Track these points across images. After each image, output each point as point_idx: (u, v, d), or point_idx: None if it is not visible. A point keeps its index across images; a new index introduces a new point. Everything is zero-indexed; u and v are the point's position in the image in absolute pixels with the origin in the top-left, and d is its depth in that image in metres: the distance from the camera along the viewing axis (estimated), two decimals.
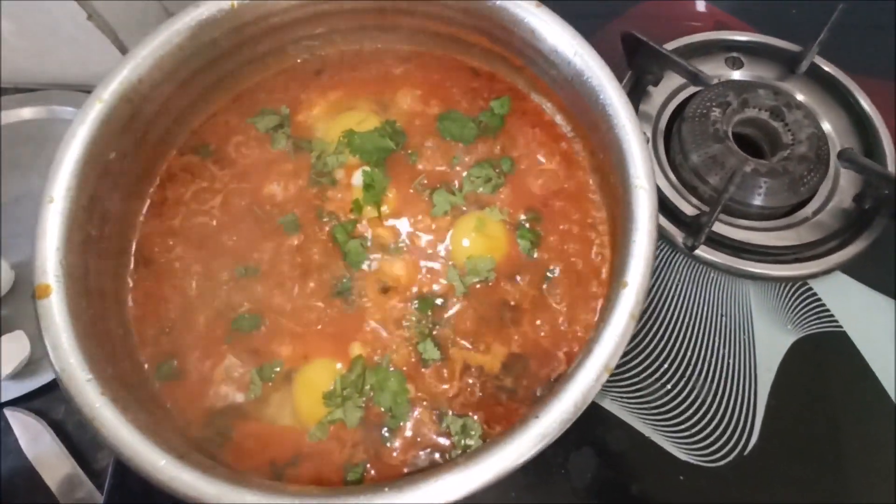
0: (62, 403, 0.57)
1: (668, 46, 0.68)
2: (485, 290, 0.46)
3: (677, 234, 0.60)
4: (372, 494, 0.32)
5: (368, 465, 0.41)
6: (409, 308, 0.46)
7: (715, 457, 0.52)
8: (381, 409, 0.43)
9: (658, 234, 0.60)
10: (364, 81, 0.55)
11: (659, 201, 0.61)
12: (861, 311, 0.57)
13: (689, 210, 0.61)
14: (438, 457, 0.41)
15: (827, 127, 0.66)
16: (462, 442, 0.41)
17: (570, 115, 0.50)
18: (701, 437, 0.52)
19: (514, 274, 0.47)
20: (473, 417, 0.42)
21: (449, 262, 0.47)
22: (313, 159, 0.52)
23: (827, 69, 0.67)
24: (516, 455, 0.31)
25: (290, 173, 0.51)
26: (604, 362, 0.32)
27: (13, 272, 0.64)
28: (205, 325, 0.46)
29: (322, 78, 0.55)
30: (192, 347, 0.45)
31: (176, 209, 0.50)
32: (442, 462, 0.39)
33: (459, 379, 0.44)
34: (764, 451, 0.52)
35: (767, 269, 0.58)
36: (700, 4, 0.76)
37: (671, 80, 0.68)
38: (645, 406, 0.53)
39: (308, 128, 0.54)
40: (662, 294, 0.58)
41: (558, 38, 0.42)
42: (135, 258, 0.48)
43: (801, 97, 0.67)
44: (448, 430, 0.42)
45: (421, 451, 0.41)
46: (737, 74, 0.69)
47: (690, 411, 0.53)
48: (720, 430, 0.53)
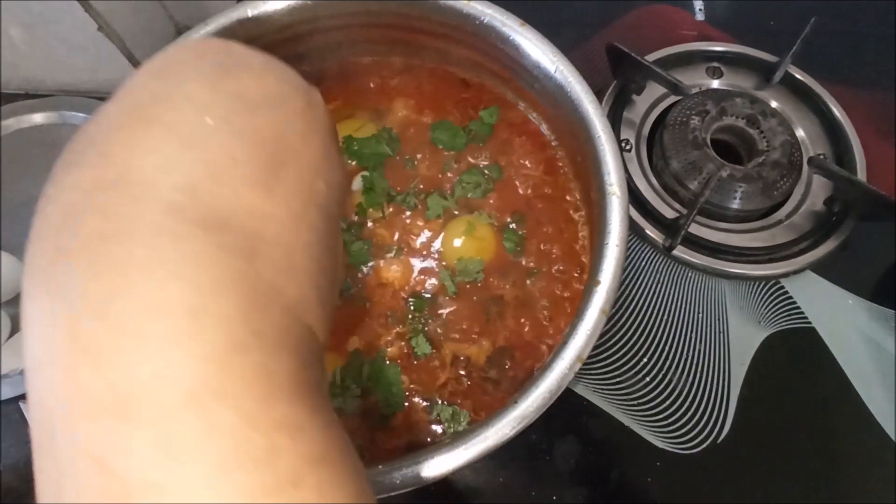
0: None
1: (651, 56, 0.72)
2: (474, 289, 0.50)
3: (658, 236, 0.63)
4: (368, 471, 0.36)
5: (365, 450, 0.45)
6: (403, 305, 0.49)
7: (690, 444, 0.55)
8: (377, 399, 0.46)
9: (639, 236, 0.64)
10: (361, 92, 0.59)
11: (640, 205, 0.66)
12: (829, 308, 0.60)
13: (669, 213, 0.65)
14: (429, 441, 0.44)
15: (801, 133, 0.69)
16: (451, 428, 0.45)
17: (554, 124, 0.53)
18: (677, 426, 0.56)
19: (500, 273, 0.50)
20: (462, 406, 0.46)
21: (441, 263, 0.51)
22: None
23: (801, 78, 0.70)
24: (498, 436, 0.35)
25: None
26: (577, 354, 0.36)
27: None
28: None
29: (322, 88, 0.58)
30: None
31: None
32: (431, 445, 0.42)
33: (449, 371, 0.47)
34: (736, 440, 0.55)
35: (743, 269, 0.62)
36: (698, 12, 0.79)
37: (654, 89, 0.71)
38: (625, 397, 0.57)
39: None
40: (643, 293, 0.62)
41: (541, 54, 0.46)
42: None
43: (777, 105, 0.70)
44: (438, 418, 0.45)
45: (413, 437, 0.45)
46: (716, 83, 0.73)
47: (667, 402, 0.57)
48: (695, 419, 0.56)
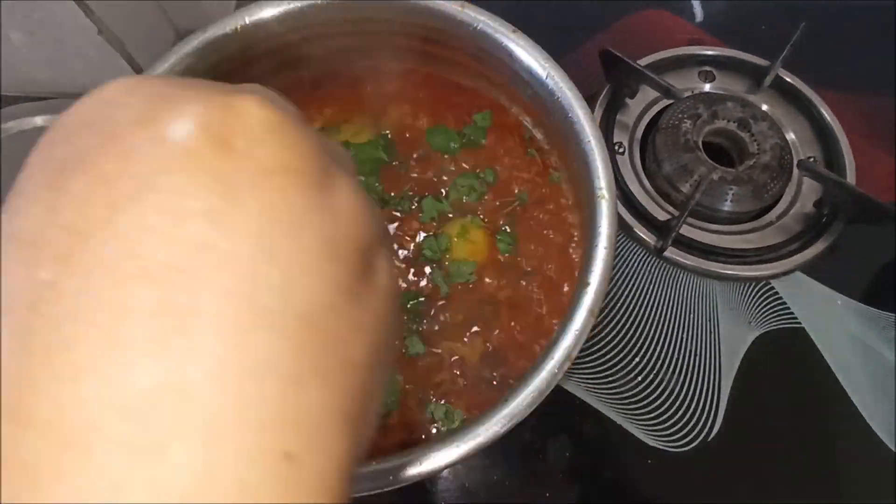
0: None
1: (644, 61, 0.73)
2: (466, 291, 0.51)
3: (649, 238, 0.64)
4: (363, 467, 0.37)
5: None
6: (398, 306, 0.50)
7: (681, 443, 0.56)
8: None
9: (631, 237, 0.65)
10: (357, 97, 0.60)
11: (633, 207, 0.67)
12: (818, 309, 0.61)
13: (661, 215, 0.66)
14: (423, 439, 0.45)
15: (791, 137, 0.70)
16: (445, 427, 0.46)
17: (546, 129, 0.54)
18: (668, 424, 0.57)
19: (493, 275, 0.51)
20: (455, 405, 0.47)
21: (435, 265, 0.52)
22: None
23: (791, 82, 0.71)
24: (489, 433, 0.36)
25: None
26: (566, 353, 0.36)
27: None
28: None
29: (319, 94, 0.60)
30: None
31: None
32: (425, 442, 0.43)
33: (443, 371, 0.48)
34: (726, 438, 0.56)
35: (733, 270, 0.63)
36: (698, 13, 0.80)
37: (647, 93, 0.72)
38: (617, 396, 0.58)
39: None
40: (635, 293, 0.63)
41: (532, 61, 0.47)
42: None
43: (767, 109, 0.71)
44: (432, 417, 0.46)
45: (407, 435, 0.46)
46: (708, 87, 0.74)
47: (659, 401, 0.58)
48: (686, 418, 0.57)
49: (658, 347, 0.60)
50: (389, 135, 0.57)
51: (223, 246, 0.13)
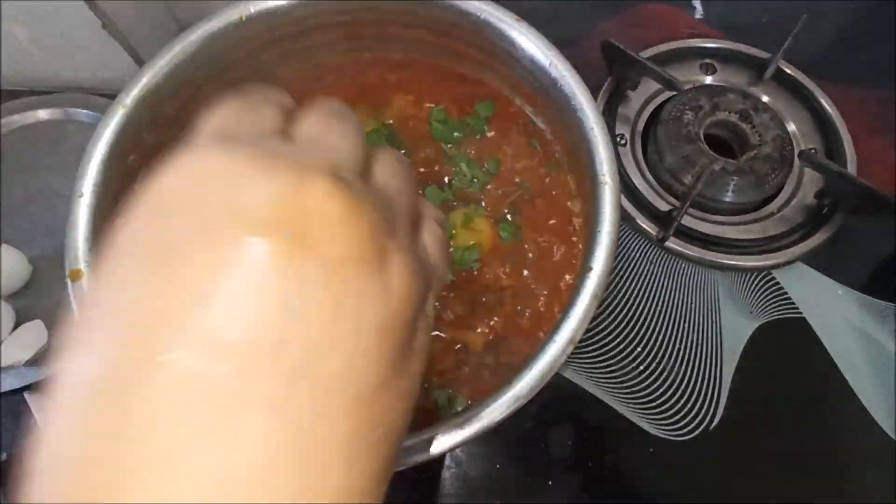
0: None
1: (646, 53, 0.73)
2: (470, 278, 0.51)
3: (651, 228, 0.64)
4: None
5: None
6: None
7: (682, 431, 0.56)
8: None
9: (633, 228, 0.65)
10: (361, 87, 0.60)
11: (635, 198, 0.67)
12: (819, 299, 0.62)
13: (663, 206, 0.66)
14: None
15: (792, 128, 0.70)
16: (447, 412, 0.46)
17: (550, 118, 0.55)
18: (670, 413, 0.57)
19: (497, 263, 0.51)
20: (459, 391, 0.47)
21: None
22: None
23: (792, 74, 0.72)
24: (492, 416, 0.36)
25: None
26: (569, 337, 0.37)
27: (31, 266, 0.68)
28: None
29: (322, 84, 0.60)
30: None
31: None
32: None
33: (447, 357, 0.48)
34: (727, 427, 0.57)
35: (735, 261, 0.63)
36: (698, 9, 0.80)
37: (648, 85, 0.72)
38: (619, 385, 0.58)
39: None
40: (637, 284, 0.63)
41: (536, 50, 0.47)
42: None
43: (769, 100, 0.71)
44: (436, 404, 0.46)
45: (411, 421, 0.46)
46: (710, 79, 0.74)
47: (661, 390, 0.58)
48: (688, 407, 0.57)
49: (660, 337, 0.60)
50: (392, 125, 0.57)
51: (293, 335, 0.15)
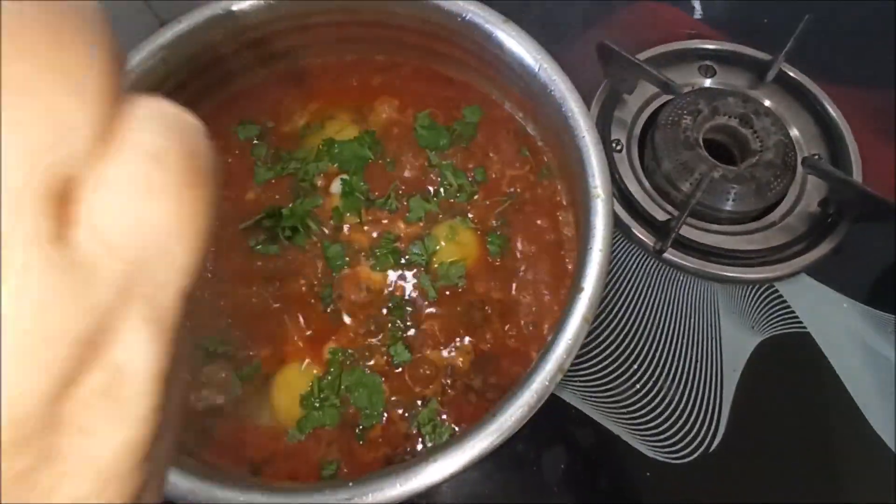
0: None
1: (643, 55, 0.70)
2: (455, 295, 0.48)
3: (648, 239, 0.61)
4: (339, 486, 0.34)
5: (342, 462, 0.43)
6: (382, 312, 0.48)
7: (681, 453, 0.53)
8: (357, 409, 0.45)
9: (629, 238, 0.62)
10: (344, 91, 0.57)
11: (631, 206, 0.64)
12: (824, 313, 0.59)
13: (660, 215, 0.63)
14: (408, 452, 0.43)
15: (795, 133, 0.68)
16: (432, 441, 0.43)
17: (540, 124, 0.52)
18: (668, 434, 0.54)
19: (484, 278, 0.49)
20: (443, 417, 0.44)
21: (422, 268, 0.49)
22: (293, 168, 0.53)
23: (794, 77, 0.69)
24: (475, 451, 0.33)
25: (272, 181, 0.53)
26: (557, 365, 0.34)
27: None
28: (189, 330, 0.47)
29: (303, 87, 0.57)
30: None
31: None
32: (410, 459, 0.40)
33: (430, 380, 0.45)
34: (729, 448, 0.54)
35: (735, 273, 0.60)
36: (696, 10, 0.77)
37: (645, 88, 0.69)
38: (614, 405, 0.55)
39: (289, 136, 0.55)
40: (633, 297, 0.60)
41: (524, 52, 0.44)
42: None
43: (770, 104, 0.68)
44: (419, 430, 0.44)
45: (391, 450, 0.43)
46: (709, 82, 0.71)
47: (658, 410, 0.55)
48: (686, 428, 0.55)
49: (657, 353, 0.58)
50: (376, 131, 0.54)
51: None
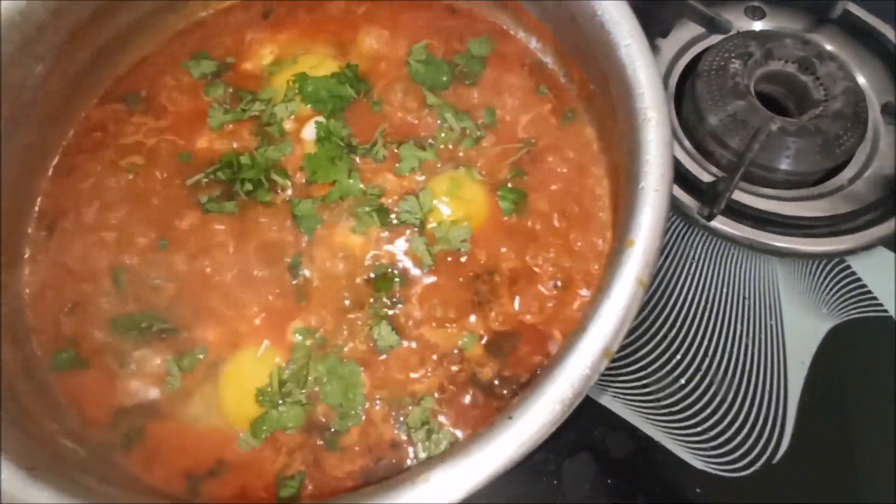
0: None
1: None
2: (457, 262, 0.38)
3: (692, 205, 0.51)
4: None
5: (306, 478, 0.33)
6: (362, 284, 0.38)
7: (737, 465, 0.43)
8: (329, 407, 0.35)
9: (670, 204, 0.52)
10: (321, 22, 0.47)
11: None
12: None
13: (706, 178, 0.53)
14: (393, 465, 0.32)
15: (862, 81, 0.57)
16: (425, 451, 0.33)
17: (562, 53, 0.42)
18: (720, 441, 0.44)
19: (493, 242, 0.38)
20: (440, 419, 0.34)
21: (415, 229, 0.39)
22: (258, 109, 0.43)
23: (861, 17, 0.58)
24: (485, 470, 0.23)
25: (230, 126, 0.43)
26: (602, 345, 0.24)
27: None
28: (115, 305, 0.38)
29: (272, 18, 0.47)
30: (99, 332, 0.37)
31: (92, 167, 0.42)
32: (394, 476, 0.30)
33: (423, 370, 0.35)
34: (797, 459, 0.43)
35: (796, 244, 0.50)
36: None
37: (681, 32, 0.59)
38: (654, 404, 0.45)
39: (253, 73, 0.45)
40: (675, 273, 0.50)
41: None
42: (36, 223, 0.40)
43: (832, 49, 0.58)
44: (408, 437, 0.33)
45: (372, 462, 0.33)
46: (759, 25, 0.60)
47: (708, 411, 0.45)
48: (744, 433, 0.44)
49: (705, 342, 0.47)
50: (359, 66, 0.44)
51: None
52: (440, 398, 0.35)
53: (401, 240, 0.39)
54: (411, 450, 0.33)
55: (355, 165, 0.41)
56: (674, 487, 0.43)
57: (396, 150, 0.41)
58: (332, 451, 0.33)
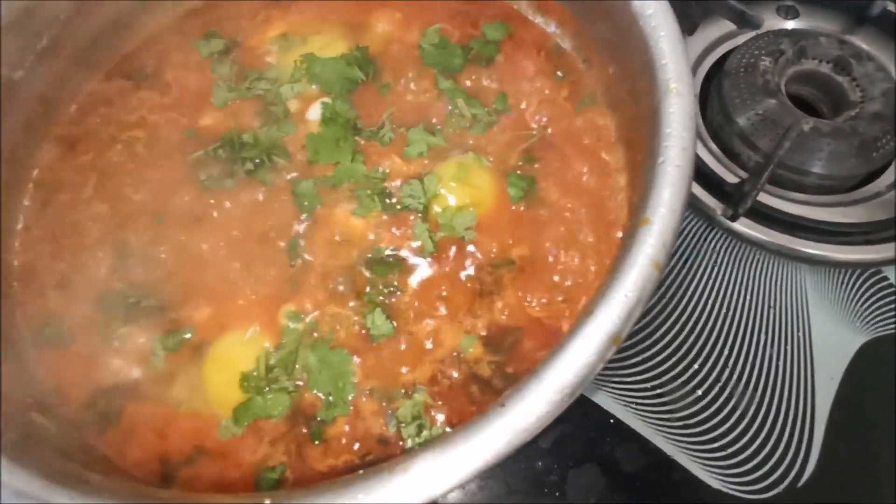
0: None
1: None
2: (461, 250, 0.36)
3: (716, 207, 0.48)
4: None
5: (287, 470, 0.31)
6: (360, 269, 0.35)
7: (758, 486, 0.40)
8: (315, 396, 0.32)
9: (692, 207, 0.49)
10: (334, 4, 0.46)
11: (695, 168, 0.51)
12: None
13: (731, 179, 0.50)
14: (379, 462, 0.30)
15: None
16: (415, 447, 0.30)
17: (582, 36, 0.39)
18: (740, 459, 0.41)
19: (500, 231, 0.36)
20: (433, 413, 0.31)
21: (419, 214, 0.37)
22: (263, 88, 0.42)
23: None
24: (474, 461, 0.20)
25: (235, 103, 0.42)
26: (610, 330, 0.21)
27: None
28: (105, 280, 0.36)
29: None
30: (86, 307, 0.35)
31: (93, 140, 0.41)
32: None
33: (419, 361, 0.33)
34: (823, 483, 0.40)
35: (828, 252, 0.46)
36: None
37: (709, 30, 0.57)
38: (668, 417, 0.42)
39: (261, 53, 0.44)
40: (696, 279, 0.47)
41: None
42: (32, 195, 0.39)
43: (870, 49, 0.55)
44: (398, 431, 0.31)
45: (358, 458, 0.30)
46: (791, 25, 0.58)
47: (727, 426, 0.42)
48: (766, 451, 0.41)
49: (725, 351, 0.44)
50: (369, 48, 0.43)
51: None
52: (434, 392, 0.32)
53: (403, 225, 0.37)
54: (401, 445, 0.31)
55: (360, 148, 0.39)
56: None
57: (405, 133, 0.39)
58: (317, 441, 0.31)
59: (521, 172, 0.38)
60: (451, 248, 0.36)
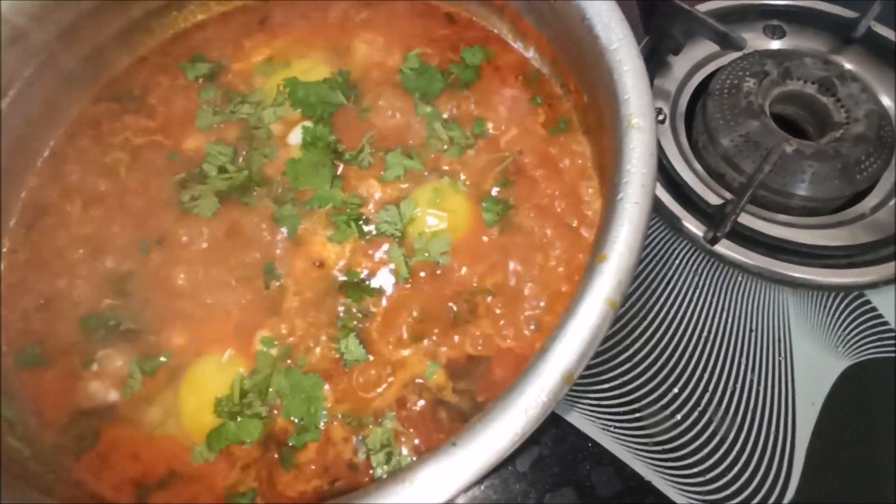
0: None
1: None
2: (433, 276, 0.36)
3: (698, 229, 0.48)
4: None
5: (258, 496, 0.31)
6: (335, 295, 0.36)
7: None
8: (287, 422, 0.33)
9: (674, 228, 0.49)
10: (317, 28, 0.46)
11: (677, 190, 0.51)
12: None
13: (714, 201, 0.50)
14: (349, 488, 0.30)
15: (887, 103, 0.54)
16: (384, 474, 0.31)
17: (558, 62, 0.40)
18: (719, 485, 0.40)
19: (475, 257, 0.36)
20: (403, 439, 0.32)
21: (394, 241, 0.37)
22: (246, 112, 0.43)
23: (888, 37, 0.55)
24: (445, 487, 0.21)
25: (218, 128, 0.42)
26: (563, 369, 0.21)
27: None
28: (87, 303, 0.37)
29: (269, 23, 0.47)
30: (67, 329, 0.36)
31: (79, 163, 0.42)
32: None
33: (390, 388, 0.33)
34: None
35: (811, 275, 0.46)
36: None
37: (695, 50, 0.57)
38: (646, 441, 0.42)
39: (246, 77, 0.45)
40: (676, 300, 0.47)
41: None
42: (18, 216, 0.40)
43: (856, 70, 0.55)
44: (367, 458, 0.31)
45: (327, 484, 0.31)
46: (777, 45, 0.58)
47: (706, 451, 0.41)
48: (745, 477, 0.41)
49: (706, 375, 0.44)
50: (351, 73, 0.43)
51: None
52: (404, 418, 0.32)
53: (379, 250, 0.37)
54: (370, 472, 0.31)
55: (340, 172, 0.40)
56: None
57: (384, 157, 0.40)
58: (287, 468, 0.31)
59: (497, 196, 0.38)
60: (426, 273, 0.36)
